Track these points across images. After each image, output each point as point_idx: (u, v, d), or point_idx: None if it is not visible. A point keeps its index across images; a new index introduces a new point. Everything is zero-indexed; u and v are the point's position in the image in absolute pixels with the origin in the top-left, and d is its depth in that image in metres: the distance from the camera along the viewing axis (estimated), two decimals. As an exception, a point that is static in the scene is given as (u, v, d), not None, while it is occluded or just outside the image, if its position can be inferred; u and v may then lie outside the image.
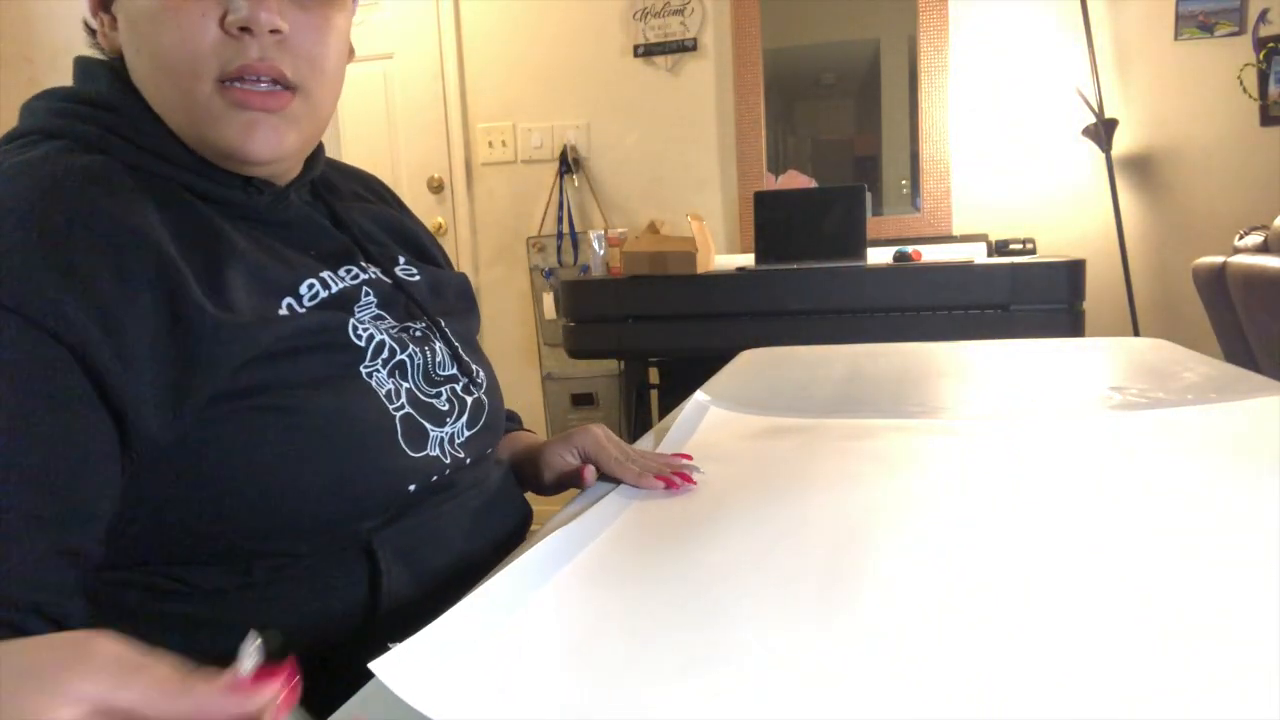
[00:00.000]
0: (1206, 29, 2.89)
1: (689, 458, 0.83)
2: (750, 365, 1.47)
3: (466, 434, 0.74)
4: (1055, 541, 0.61)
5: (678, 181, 3.39)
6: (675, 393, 2.79)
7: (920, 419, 0.99)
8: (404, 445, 0.66)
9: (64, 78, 0.67)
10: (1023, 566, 0.57)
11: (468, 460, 0.74)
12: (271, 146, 0.63)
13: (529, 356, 3.48)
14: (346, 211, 0.77)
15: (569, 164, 3.42)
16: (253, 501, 0.59)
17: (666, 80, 3.36)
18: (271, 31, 0.61)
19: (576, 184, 3.45)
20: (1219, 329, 2.54)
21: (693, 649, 0.48)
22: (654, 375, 3.10)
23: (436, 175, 3.58)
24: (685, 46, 3.31)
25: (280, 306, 0.63)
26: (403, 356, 0.69)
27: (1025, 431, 0.91)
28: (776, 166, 3.36)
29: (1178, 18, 2.91)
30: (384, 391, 0.66)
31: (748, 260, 2.97)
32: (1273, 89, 2.86)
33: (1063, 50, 2.98)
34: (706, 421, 1.03)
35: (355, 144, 3.48)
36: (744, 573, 0.58)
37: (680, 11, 3.30)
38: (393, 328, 0.71)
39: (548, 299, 3.45)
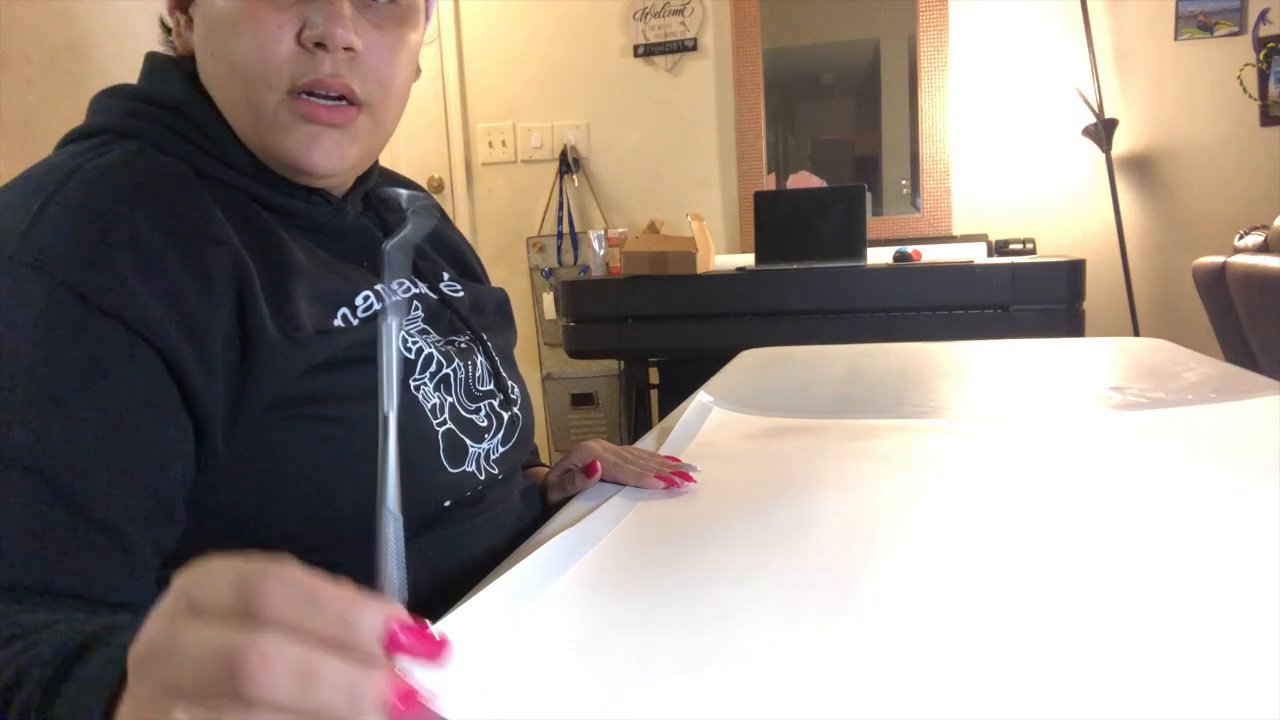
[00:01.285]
0: (1206, 29, 2.89)
1: (678, 461, 0.83)
2: (750, 365, 1.47)
3: (501, 450, 0.74)
4: (1056, 541, 0.61)
5: (678, 181, 3.39)
6: (675, 393, 2.79)
7: (921, 419, 0.99)
8: (444, 461, 0.66)
9: (64, 77, 0.67)
10: (1024, 566, 0.57)
11: (500, 476, 0.74)
12: (333, 160, 0.64)
13: (529, 356, 3.48)
14: (398, 224, 0.77)
15: (569, 164, 3.42)
16: (295, 509, 0.59)
17: (666, 80, 3.36)
18: (345, 49, 0.61)
19: (576, 184, 3.45)
20: (1219, 329, 2.54)
21: (698, 649, 0.48)
22: (654, 375, 3.10)
23: (436, 175, 3.58)
24: (685, 46, 3.31)
25: (336, 317, 0.64)
26: (448, 370, 0.69)
27: (1025, 431, 0.91)
28: (777, 166, 3.36)
29: (1178, 18, 2.91)
30: (429, 406, 0.66)
31: (748, 260, 2.97)
32: (1273, 89, 2.86)
33: (1063, 50, 2.98)
34: (709, 422, 1.03)
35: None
36: (748, 573, 0.58)
37: (680, 11, 3.30)
38: (438, 341, 0.71)
39: (548, 299, 3.45)
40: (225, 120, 0.64)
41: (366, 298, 0.66)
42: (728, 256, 3.20)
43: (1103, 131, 2.88)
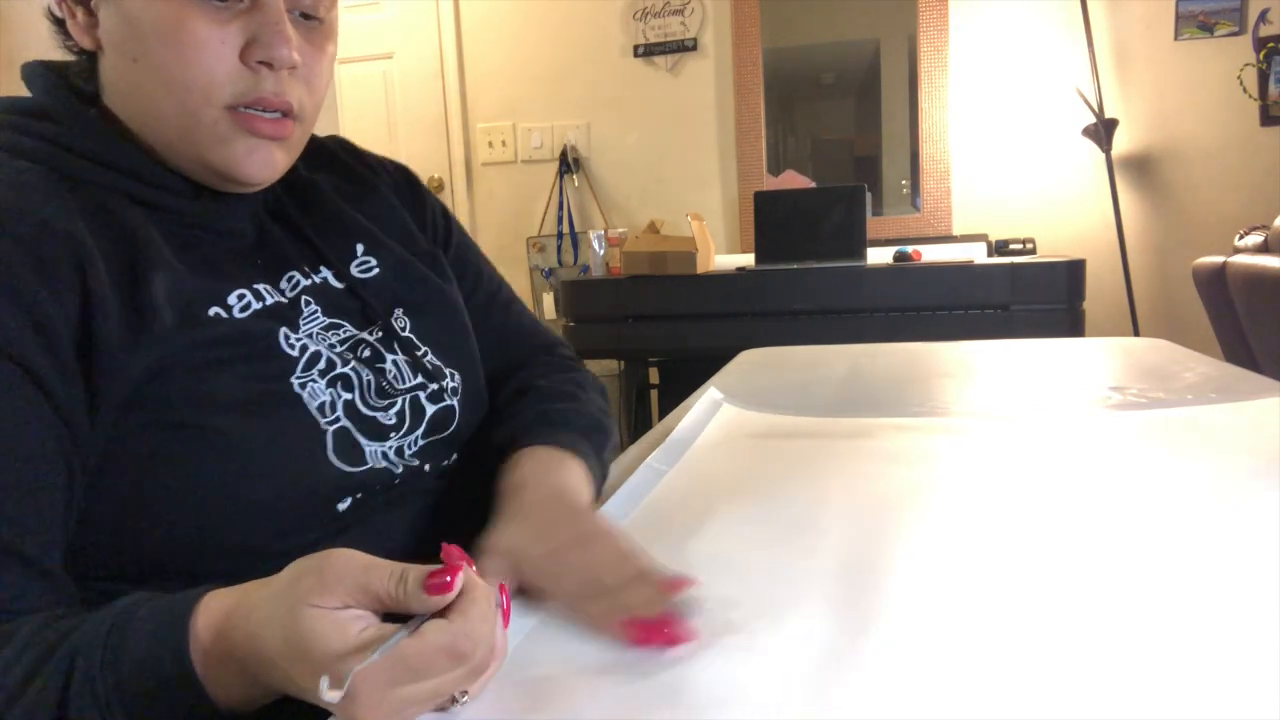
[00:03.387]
0: (1206, 29, 2.89)
1: (673, 588, 0.52)
2: (750, 365, 1.47)
3: (422, 442, 0.70)
4: (1056, 541, 0.61)
5: (678, 181, 3.40)
6: (675, 393, 2.79)
7: (921, 419, 0.99)
8: (334, 460, 0.62)
9: None
10: (1024, 566, 0.57)
11: (426, 467, 0.70)
12: (269, 170, 0.64)
13: (529, 356, 3.47)
14: (303, 208, 0.73)
15: (569, 164, 3.43)
16: (165, 520, 0.56)
17: (666, 80, 3.36)
18: (289, 68, 0.61)
19: (576, 184, 3.46)
20: (1219, 329, 2.54)
21: (700, 646, 0.48)
22: (654, 375, 3.10)
23: (436, 175, 3.58)
24: (685, 46, 3.32)
25: (206, 313, 0.61)
26: (345, 370, 0.66)
27: (1026, 431, 0.91)
28: (777, 166, 3.37)
29: (1178, 18, 2.91)
30: (316, 404, 0.62)
31: (748, 260, 2.97)
32: (1273, 89, 2.86)
33: (1063, 50, 2.98)
34: (714, 419, 1.03)
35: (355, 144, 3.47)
36: (750, 571, 0.58)
37: (680, 11, 3.30)
38: (345, 340, 0.68)
39: (548, 299, 3.45)
40: (102, 119, 0.62)
41: (243, 296, 0.63)
42: (728, 256, 3.20)
43: (1103, 131, 2.88)
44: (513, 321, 0.88)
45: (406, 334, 0.73)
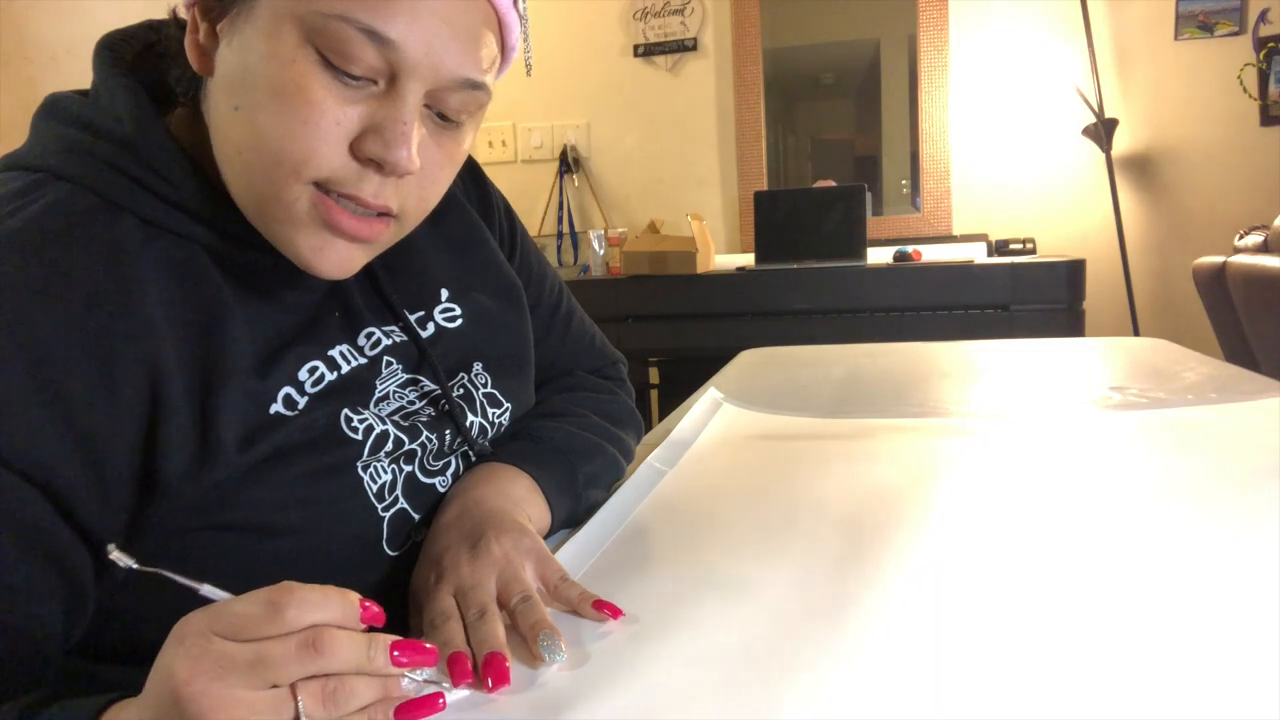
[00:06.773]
0: (1206, 29, 2.89)
1: (616, 612, 0.53)
2: (750, 365, 1.47)
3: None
4: (1055, 541, 0.61)
5: (678, 181, 3.39)
6: (675, 393, 2.79)
7: (921, 419, 0.99)
8: (386, 549, 0.60)
9: (63, 78, 0.63)
10: (1024, 565, 0.57)
11: None
12: (341, 270, 0.55)
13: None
14: (386, 260, 0.64)
15: (569, 164, 3.43)
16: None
17: (666, 80, 3.36)
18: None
19: (576, 184, 3.46)
20: (1219, 329, 2.54)
21: (698, 647, 0.48)
22: (654, 375, 3.11)
23: (436, 175, 3.58)
24: (685, 46, 3.31)
25: (275, 402, 0.55)
26: (413, 446, 0.62)
27: (1025, 432, 0.91)
28: (777, 166, 3.37)
29: (1178, 18, 2.91)
30: (377, 487, 0.59)
31: (748, 260, 2.97)
32: (1273, 89, 2.86)
33: (1063, 50, 2.98)
34: (715, 419, 1.03)
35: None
36: (749, 572, 0.58)
37: (680, 11, 3.30)
38: (424, 394, 0.65)
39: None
40: (188, 159, 0.54)
41: (315, 369, 0.58)
42: (728, 256, 3.20)
43: (1103, 131, 2.88)
44: (570, 341, 0.84)
45: (490, 389, 0.69)
